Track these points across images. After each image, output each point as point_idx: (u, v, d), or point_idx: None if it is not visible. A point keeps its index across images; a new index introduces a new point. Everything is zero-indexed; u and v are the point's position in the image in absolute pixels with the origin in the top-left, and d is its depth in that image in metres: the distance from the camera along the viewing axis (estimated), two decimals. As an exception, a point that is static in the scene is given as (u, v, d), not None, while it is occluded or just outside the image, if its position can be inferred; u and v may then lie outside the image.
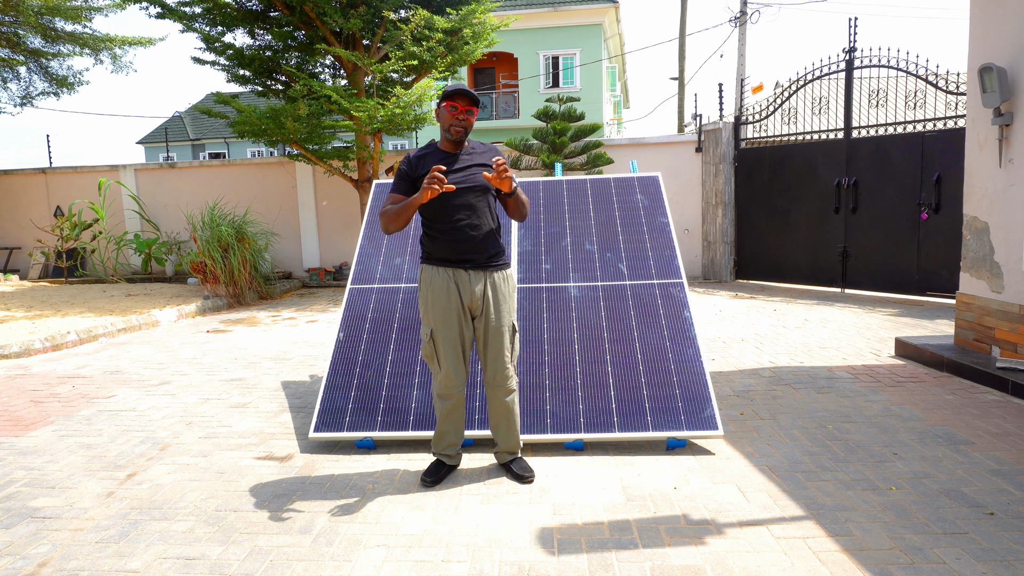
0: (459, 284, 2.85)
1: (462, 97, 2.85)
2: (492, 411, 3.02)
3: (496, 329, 2.90)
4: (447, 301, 2.84)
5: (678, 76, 18.81)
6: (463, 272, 2.86)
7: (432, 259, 2.90)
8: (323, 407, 3.51)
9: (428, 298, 2.87)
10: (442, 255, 2.86)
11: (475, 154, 2.94)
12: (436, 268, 2.88)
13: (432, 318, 2.86)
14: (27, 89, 12.78)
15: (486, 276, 2.89)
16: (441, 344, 2.85)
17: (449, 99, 2.83)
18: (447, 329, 2.84)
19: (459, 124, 2.84)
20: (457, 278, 2.85)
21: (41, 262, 12.10)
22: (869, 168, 8.45)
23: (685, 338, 3.64)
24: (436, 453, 3.09)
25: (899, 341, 5.24)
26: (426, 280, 2.90)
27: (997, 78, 4.40)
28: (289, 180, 11.69)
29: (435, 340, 2.86)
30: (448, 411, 2.97)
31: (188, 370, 5.28)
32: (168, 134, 30.14)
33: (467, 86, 2.73)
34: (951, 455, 3.15)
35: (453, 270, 2.86)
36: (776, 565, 2.25)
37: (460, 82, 3.59)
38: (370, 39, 9.90)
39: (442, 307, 2.84)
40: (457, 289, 2.85)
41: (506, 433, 3.04)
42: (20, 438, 3.74)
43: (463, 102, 2.85)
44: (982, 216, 4.78)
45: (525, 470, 3.01)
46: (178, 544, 2.49)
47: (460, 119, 2.84)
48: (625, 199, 4.38)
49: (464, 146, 2.95)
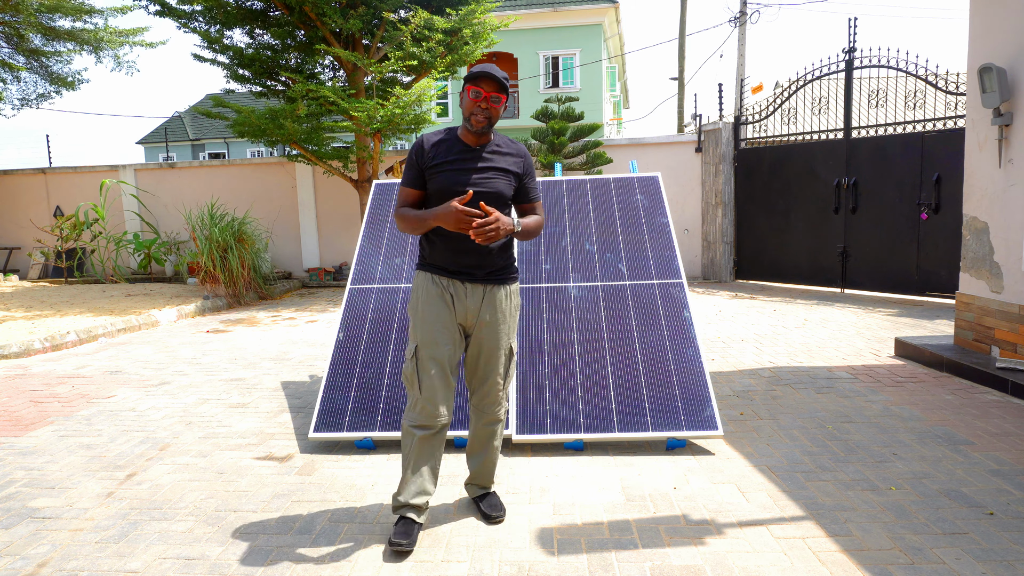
0: (454, 297, 2.46)
1: (487, 81, 2.39)
2: (472, 435, 2.67)
3: (490, 351, 2.52)
4: (438, 315, 2.44)
5: (678, 76, 18.82)
6: (460, 284, 2.47)
7: (428, 265, 2.52)
8: (323, 407, 3.50)
9: (418, 309, 2.48)
10: (440, 263, 2.48)
11: (499, 154, 2.51)
12: (431, 276, 2.49)
13: (419, 333, 2.45)
14: (27, 92, 12.77)
15: (485, 291, 2.49)
16: (426, 363, 2.42)
17: (472, 82, 2.39)
18: (434, 348, 2.42)
19: (481, 113, 2.39)
20: (453, 290, 2.47)
21: (41, 262, 12.10)
22: (869, 168, 8.45)
23: (685, 338, 3.64)
24: (403, 504, 2.44)
25: (899, 341, 5.24)
26: (419, 289, 2.51)
27: (997, 78, 4.40)
28: (289, 180, 11.69)
29: (419, 358, 2.43)
30: (424, 444, 2.43)
31: (188, 370, 5.28)
32: (168, 134, 30.14)
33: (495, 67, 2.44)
34: (951, 455, 3.15)
35: (449, 280, 2.47)
36: (776, 565, 2.25)
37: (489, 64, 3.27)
38: (370, 39, 9.90)
39: (432, 322, 2.44)
40: (452, 302, 2.46)
41: (481, 463, 2.67)
42: (20, 438, 3.74)
43: (488, 87, 2.39)
44: (982, 216, 4.78)
45: (495, 508, 2.63)
46: (178, 544, 2.49)
47: (483, 107, 2.39)
48: (625, 199, 4.38)
49: (488, 139, 2.49)
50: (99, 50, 12.16)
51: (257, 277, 9.36)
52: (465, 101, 2.42)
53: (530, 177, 2.59)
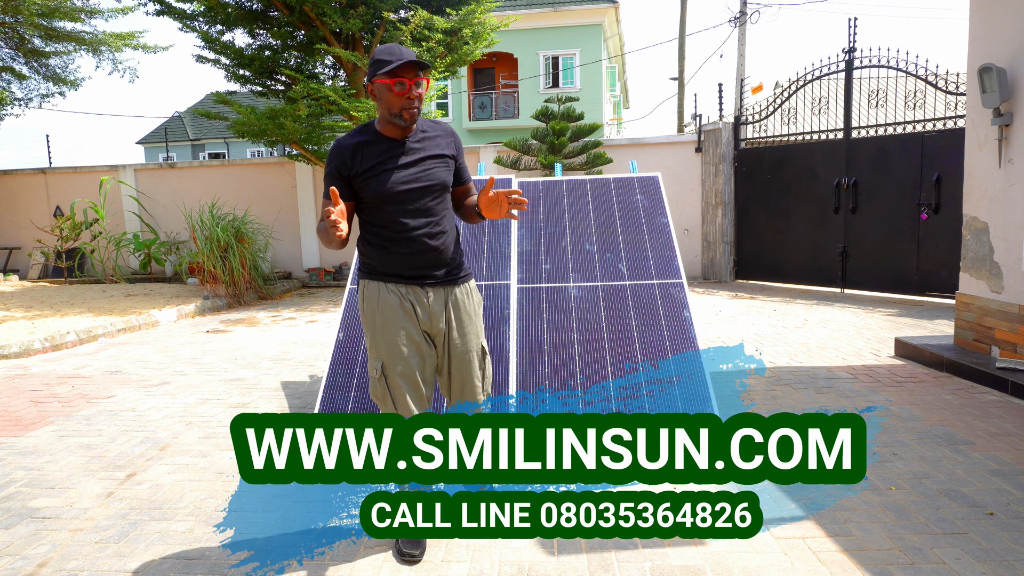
0: (415, 305, 2.28)
1: (407, 67, 2.15)
2: None
3: (462, 354, 2.37)
4: (400, 327, 2.26)
5: (678, 76, 18.82)
6: (419, 289, 2.29)
7: (379, 274, 2.30)
8: (323, 407, 3.51)
9: (376, 324, 2.27)
10: (392, 270, 2.28)
11: (428, 139, 2.31)
12: (384, 285, 2.28)
13: (382, 349, 2.26)
14: (29, 93, 12.77)
15: (447, 293, 2.34)
16: (396, 381, 2.26)
17: (392, 75, 2.14)
18: (402, 363, 2.26)
19: (411, 106, 2.18)
20: (412, 297, 2.28)
21: (41, 262, 12.10)
22: (869, 168, 8.46)
23: (685, 338, 3.64)
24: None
25: (899, 341, 5.24)
26: (371, 300, 2.29)
27: (997, 78, 4.40)
28: (289, 180, 11.69)
29: (387, 376, 2.26)
30: None
31: (188, 370, 5.28)
32: (168, 134, 30.12)
33: (404, 47, 2.19)
34: (951, 455, 3.15)
35: (407, 287, 2.28)
36: (776, 565, 2.25)
37: (394, 44, 2.86)
38: (370, 39, 9.90)
39: (393, 335, 2.25)
40: (413, 311, 2.28)
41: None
42: (20, 438, 3.74)
43: (411, 73, 2.15)
44: (982, 216, 4.79)
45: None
46: (178, 544, 2.49)
47: (412, 98, 2.17)
48: (625, 199, 4.38)
49: (412, 129, 2.28)
50: (98, 52, 12.16)
51: (257, 277, 9.36)
52: (385, 95, 2.17)
53: (462, 156, 2.42)
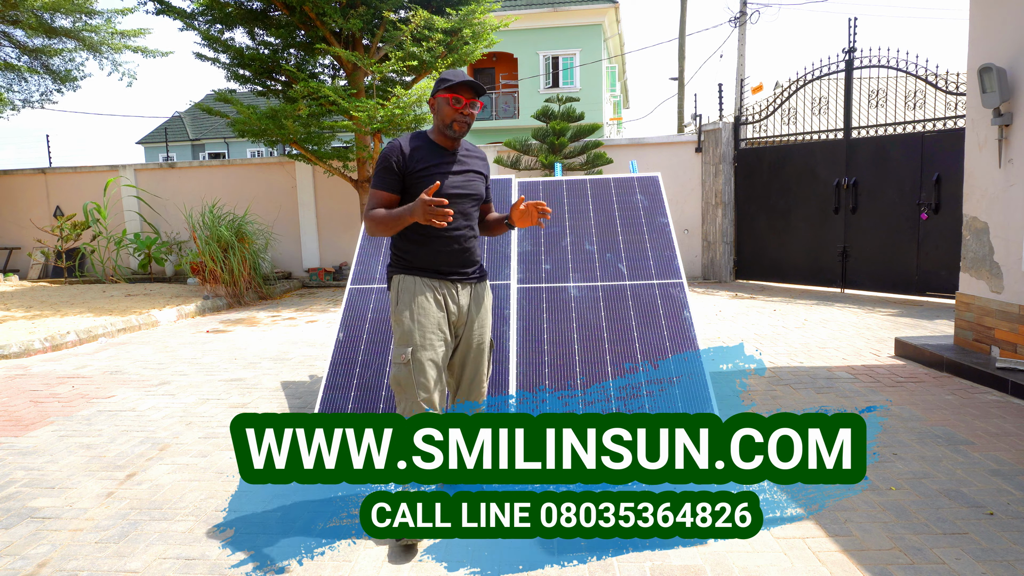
0: (447, 298, 2.56)
1: (467, 89, 2.50)
2: None
3: (479, 348, 2.66)
4: (433, 318, 2.50)
5: (678, 76, 18.82)
6: (451, 285, 2.57)
7: (414, 268, 2.55)
8: (323, 407, 3.50)
9: (414, 314, 2.49)
10: (430, 265, 2.54)
11: (470, 156, 2.67)
12: (420, 280, 2.53)
13: (416, 336, 2.47)
14: (29, 92, 12.76)
15: (472, 290, 2.64)
16: (425, 366, 2.45)
17: (452, 91, 2.48)
18: (432, 349, 2.48)
19: (463, 120, 2.50)
20: (445, 291, 2.55)
21: (41, 262, 12.10)
22: (869, 168, 8.46)
23: (685, 338, 3.64)
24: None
25: (899, 341, 5.24)
26: (407, 291, 2.52)
27: (997, 78, 4.40)
28: (289, 180, 11.69)
29: (415, 361, 2.44)
30: None
31: (188, 370, 5.28)
32: (168, 134, 30.14)
33: (467, 74, 2.57)
34: (951, 455, 3.15)
35: (440, 282, 2.55)
36: (776, 565, 2.25)
37: (459, 70, 3.49)
38: (370, 39, 9.90)
39: (427, 324, 2.48)
40: (445, 304, 2.55)
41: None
42: (20, 438, 3.74)
43: (468, 94, 2.50)
44: (982, 216, 4.79)
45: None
46: (178, 544, 2.49)
47: (465, 114, 2.50)
48: (625, 199, 4.38)
49: (459, 143, 2.64)
50: (99, 51, 12.15)
51: (257, 277, 9.36)
52: (443, 109, 2.50)
53: (489, 177, 2.77)
